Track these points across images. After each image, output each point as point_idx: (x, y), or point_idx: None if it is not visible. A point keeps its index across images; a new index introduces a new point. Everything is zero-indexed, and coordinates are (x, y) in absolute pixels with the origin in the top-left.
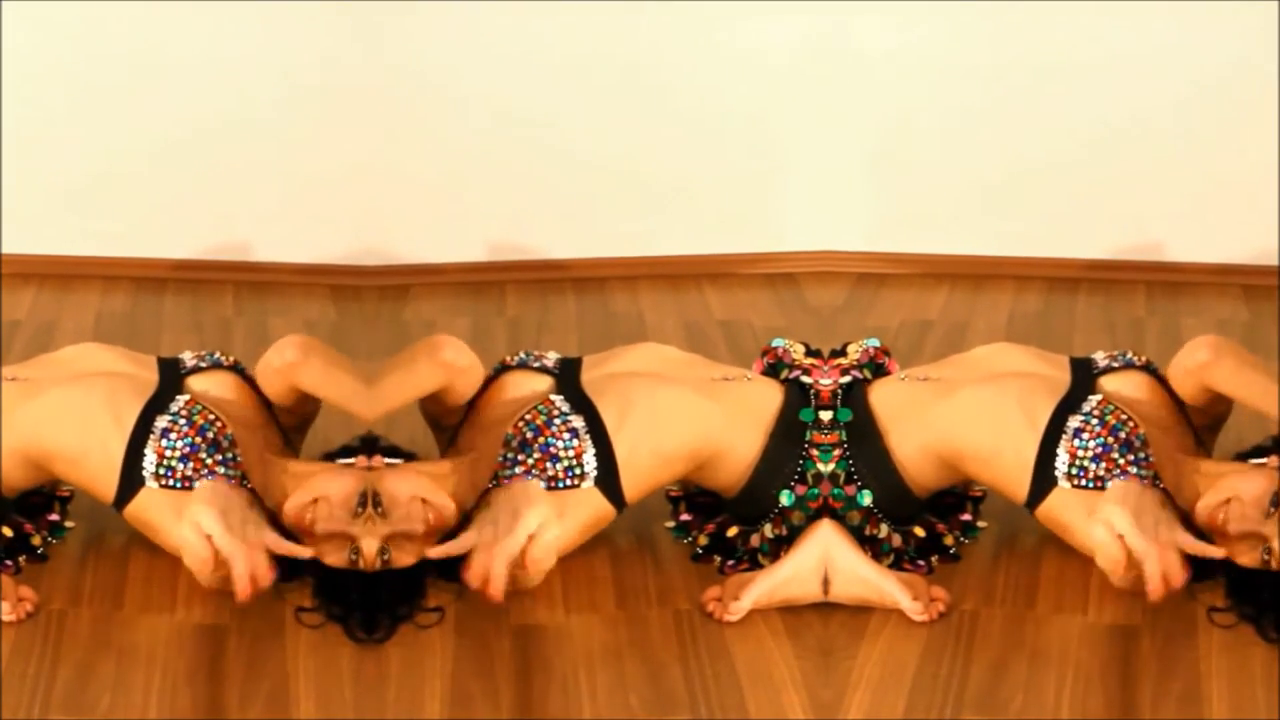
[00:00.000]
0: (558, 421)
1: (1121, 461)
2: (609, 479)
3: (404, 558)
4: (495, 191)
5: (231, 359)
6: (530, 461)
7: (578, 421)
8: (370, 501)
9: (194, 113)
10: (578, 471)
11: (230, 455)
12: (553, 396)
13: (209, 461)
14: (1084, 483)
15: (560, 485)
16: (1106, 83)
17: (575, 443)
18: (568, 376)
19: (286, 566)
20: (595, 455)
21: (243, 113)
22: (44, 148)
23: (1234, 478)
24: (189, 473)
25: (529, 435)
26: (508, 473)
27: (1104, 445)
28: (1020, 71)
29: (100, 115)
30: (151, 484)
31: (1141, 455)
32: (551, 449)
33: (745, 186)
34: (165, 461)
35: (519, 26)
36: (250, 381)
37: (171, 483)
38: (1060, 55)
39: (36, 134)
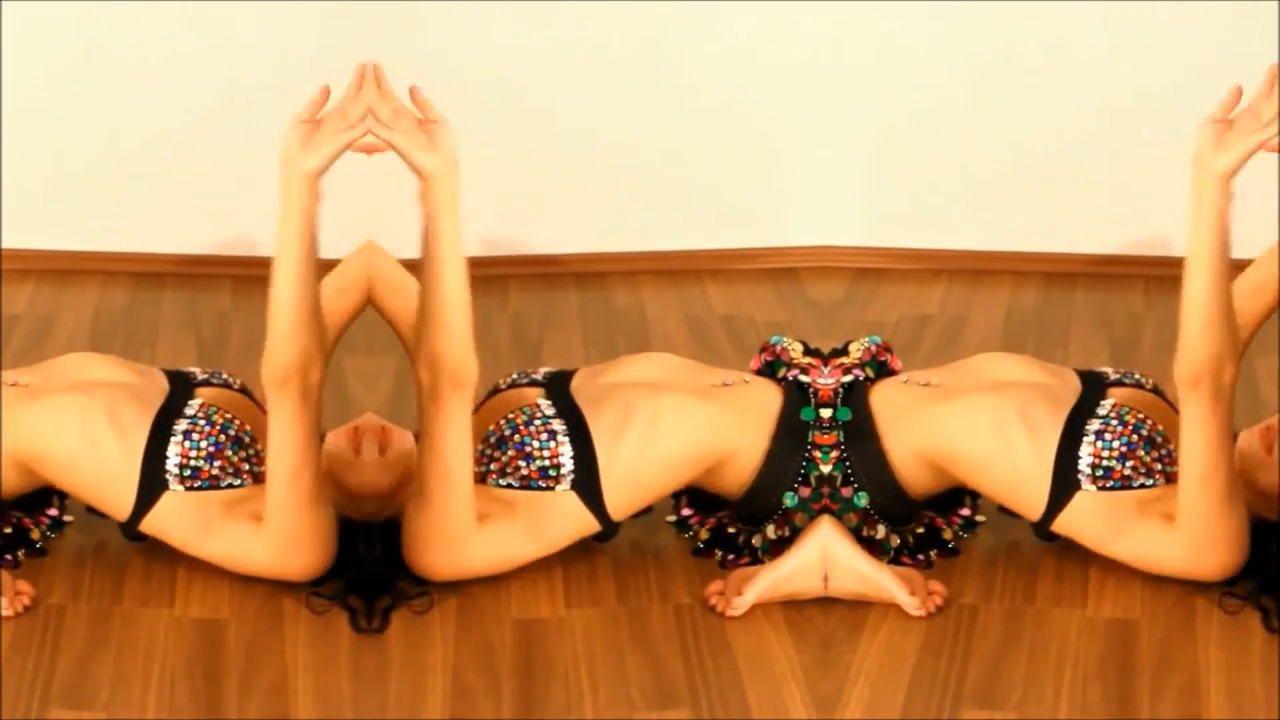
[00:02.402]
0: (538, 422)
1: (1148, 459)
2: (588, 485)
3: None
4: (495, 186)
5: (239, 382)
6: (504, 459)
7: (558, 425)
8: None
9: (194, 107)
10: (552, 474)
11: (254, 450)
12: (539, 400)
13: (234, 459)
14: (1110, 484)
15: (534, 486)
16: (1106, 76)
17: (552, 444)
18: (555, 385)
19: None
20: (573, 458)
21: (242, 107)
22: (43, 143)
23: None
24: (215, 472)
25: (506, 432)
26: (481, 468)
27: (1129, 444)
28: (1019, 65)
29: (100, 110)
30: (176, 487)
31: (1165, 451)
32: (526, 448)
33: (746, 182)
34: (190, 463)
35: (519, 21)
36: (256, 404)
37: (198, 484)
38: (1059, 49)
39: (35, 129)
